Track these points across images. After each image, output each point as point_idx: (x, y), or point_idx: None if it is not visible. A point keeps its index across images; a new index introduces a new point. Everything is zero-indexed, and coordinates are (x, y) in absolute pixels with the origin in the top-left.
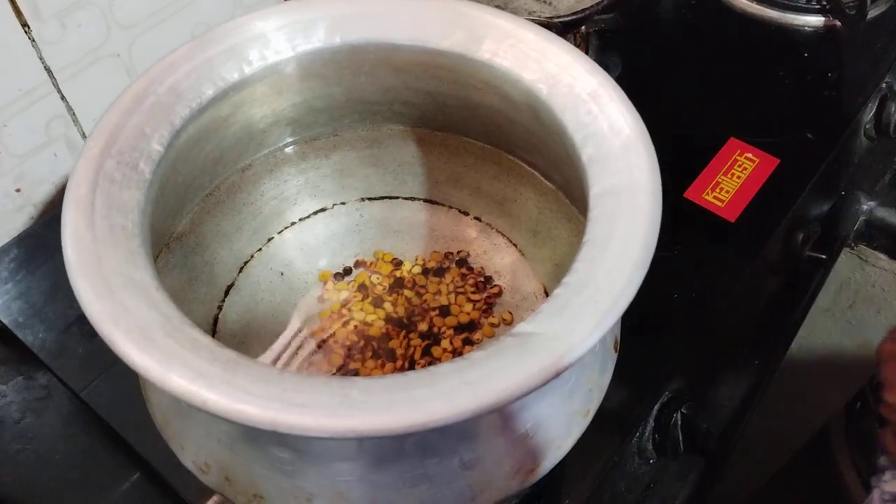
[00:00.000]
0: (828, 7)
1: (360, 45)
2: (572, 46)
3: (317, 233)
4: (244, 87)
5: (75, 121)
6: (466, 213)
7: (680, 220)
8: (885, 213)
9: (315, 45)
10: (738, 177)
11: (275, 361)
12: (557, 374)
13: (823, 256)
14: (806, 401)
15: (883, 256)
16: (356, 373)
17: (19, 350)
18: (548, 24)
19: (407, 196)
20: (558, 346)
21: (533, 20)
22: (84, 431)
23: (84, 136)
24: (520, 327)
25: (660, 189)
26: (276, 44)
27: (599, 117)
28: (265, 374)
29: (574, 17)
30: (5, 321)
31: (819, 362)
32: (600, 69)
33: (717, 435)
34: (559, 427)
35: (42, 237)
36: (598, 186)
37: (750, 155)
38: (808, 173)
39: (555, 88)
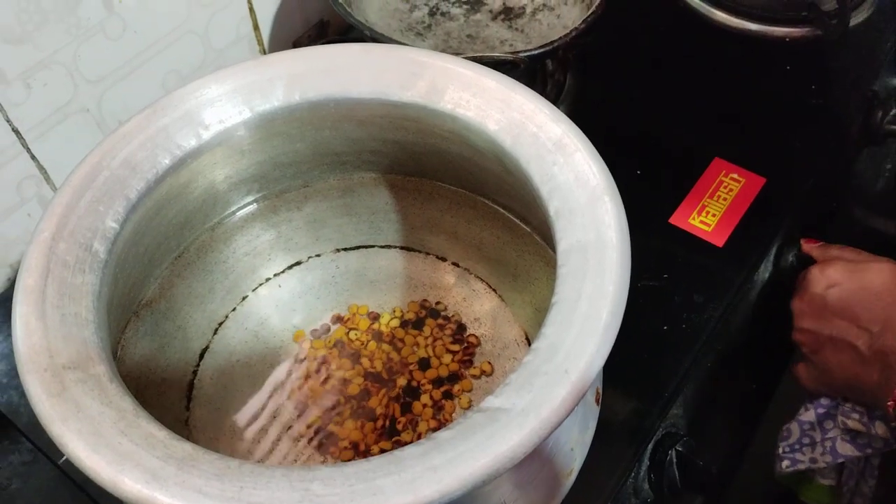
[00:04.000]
0: (809, 17)
1: (320, 101)
2: (536, 94)
3: (292, 287)
4: (202, 152)
5: (47, 179)
6: (444, 259)
7: (666, 247)
8: (879, 223)
9: (274, 104)
10: (725, 199)
11: (250, 426)
12: (528, 453)
13: None
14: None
15: None
16: (334, 436)
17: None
18: (514, 62)
19: (383, 244)
20: (528, 422)
21: (500, 57)
22: (72, 498)
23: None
24: (489, 401)
25: (628, 245)
26: (232, 106)
27: (565, 168)
28: (222, 469)
29: (542, 50)
30: None
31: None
32: (565, 117)
33: (715, 470)
34: (540, 492)
35: None
36: (566, 242)
37: (735, 175)
38: (796, 191)
39: (519, 138)
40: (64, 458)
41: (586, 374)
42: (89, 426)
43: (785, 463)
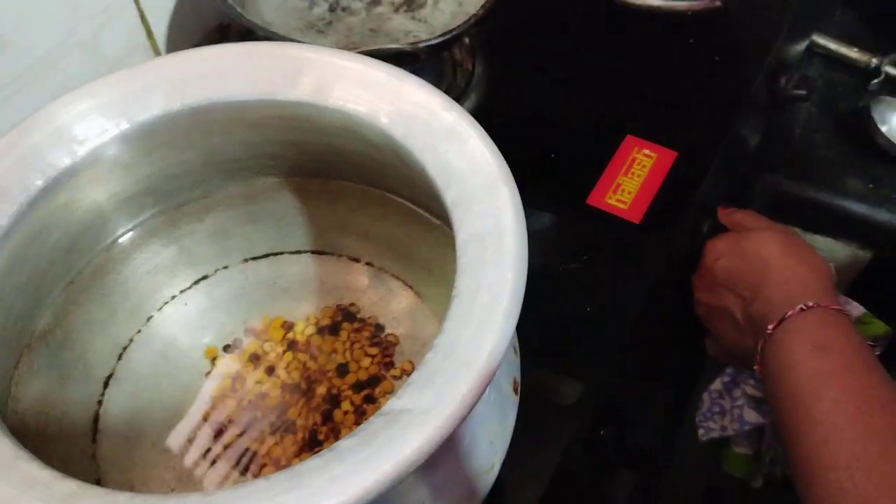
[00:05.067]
0: None
1: (203, 106)
2: (427, 84)
3: (200, 303)
4: (79, 170)
5: None
6: (357, 260)
7: (585, 227)
8: (791, 186)
9: (154, 113)
10: (639, 175)
11: (165, 452)
12: (432, 453)
13: None
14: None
15: (796, 229)
16: (254, 453)
17: None
18: (414, 53)
19: (293, 250)
20: (431, 421)
21: (399, 49)
22: None
23: None
24: (390, 403)
25: (524, 232)
26: (108, 119)
27: (459, 156)
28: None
29: (441, 38)
30: None
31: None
32: (456, 105)
33: (647, 446)
34: (461, 489)
35: None
36: (464, 232)
37: (647, 151)
38: (707, 161)
39: (411, 129)
40: None
41: (487, 365)
42: None
43: (700, 431)
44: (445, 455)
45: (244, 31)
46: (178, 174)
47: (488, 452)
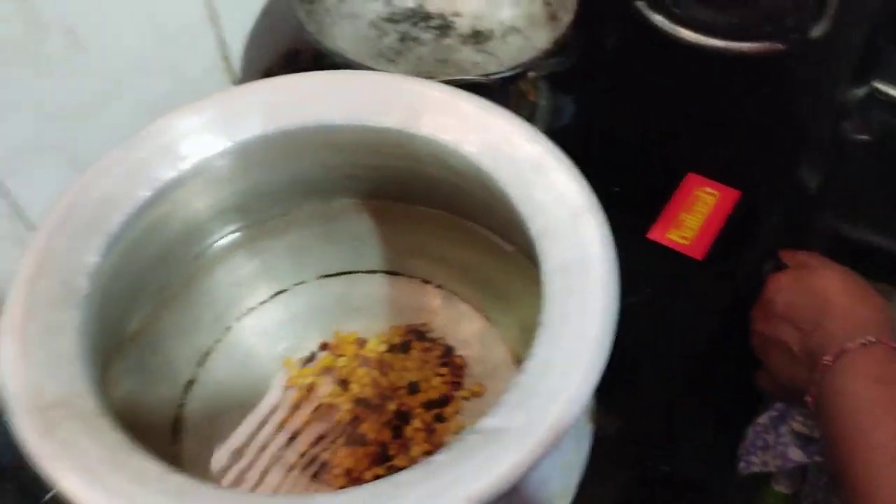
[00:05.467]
0: (771, 31)
1: (297, 130)
2: (512, 115)
3: (277, 316)
4: (182, 184)
5: (20, 216)
6: (429, 282)
7: (646, 262)
8: (850, 230)
9: (251, 134)
10: (701, 212)
11: (241, 457)
12: (526, 473)
13: None
14: None
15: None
16: (327, 463)
17: None
18: (487, 84)
19: (366, 269)
20: (525, 441)
21: (473, 80)
22: None
23: (32, 230)
24: (484, 423)
25: (614, 262)
26: (210, 137)
27: (544, 188)
28: (217, 500)
29: (513, 71)
30: None
31: None
32: (543, 137)
33: (708, 483)
34: None
35: None
36: (550, 262)
37: (710, 189)
38: (770, 202)
39: (497, 160)
40: (48, 496)
41: (580, 392)
42: (82, 464)
43: (741, 465)
44: (528, 477)
45: (314, 57)
46: (265, 192)
47: (564, 478)
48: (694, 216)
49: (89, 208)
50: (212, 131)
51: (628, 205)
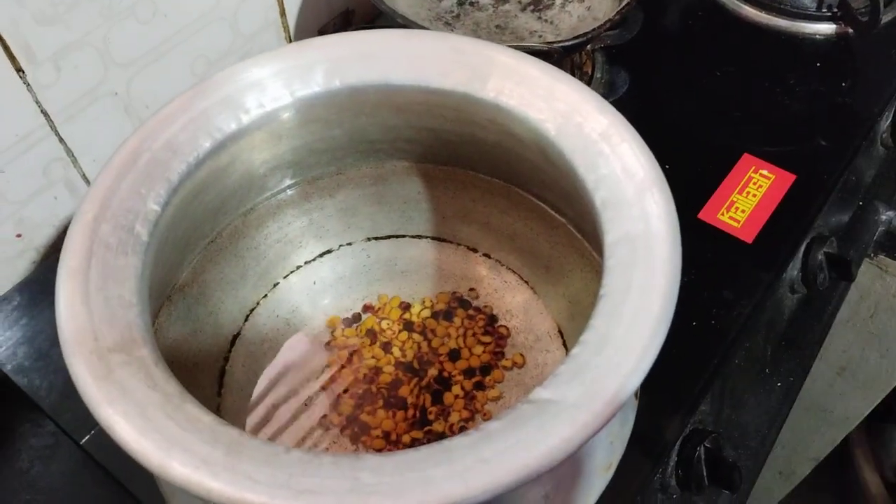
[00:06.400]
0: (839, 14)
1: (359, 87)
2: (581, 84)
3: (323, 276)
4: (242, 136)
5: (74, 162)
6: (475, 250)
7: (695, 242)
8: None
9: (314, 89)
10: (754, 195)
11: (282, 414)
12: (580, 447)
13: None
14: (827, 411)
15: None
16: (366, 425)
17: (25, 397)
18: (548, 52)
19: (414, 234)
20: (580, 415)
21: (534, 46)
22: (93, 481)
23: (84, 177)
24: (538, 392)
25: (678, 237)
26: (273, 90)
27: (612, 159)
28: (270, 455)
29: (576, 41)
30: (8, 368)
31: (840, 372)
32: (611, 107)
33: (742, 466)
34: (580, 485)
35: (45, 282)
36: (613, 234)
37: (765, 171)
38: (826, 189)
39: (564, 128)
40: (86, 438)
41: (638, 367)
42: (136, 410)
43: None
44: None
45: (370, 17)
46: (321, 149)
47: (608, 452)
48: (747, 198)
49: (151, 156)
50: (275, 85)
51: (681, 182)
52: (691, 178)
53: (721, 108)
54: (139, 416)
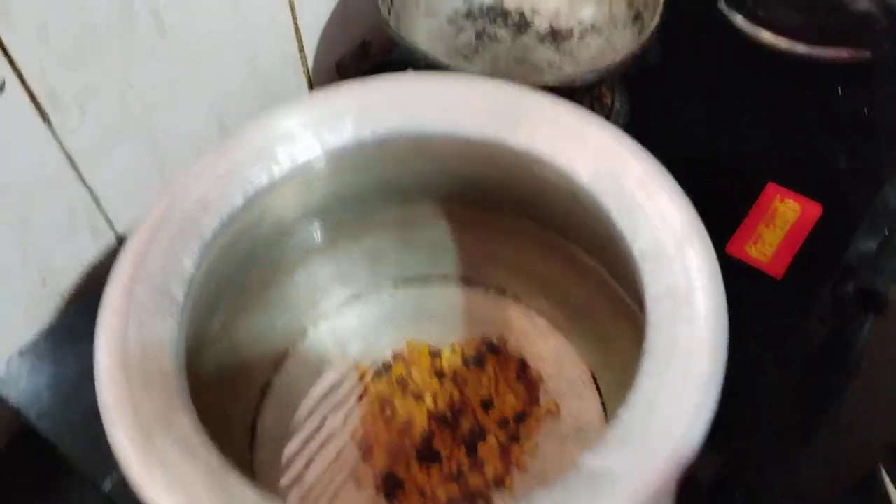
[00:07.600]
0: (858, 38)
1: (390, 136)
2: (614, 127)
3: (351, 323)
4: (274, 188)
5: (99, 207)
6: (504, 293)
7: (726, 278)
8: None
9: (344, 139)
10: (781, 227)
11: (314, 467)
12: None
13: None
14: (853, 433)
15: None
16: (400, 480)
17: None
18: (570, 88)
19: (442, 276)
20: (631, 483)
21: (555, 84)
22: None
23: (108, 220)
24: (587, 460)
25: (723, 291)
26: (303, 141)
27: (648, 207)
28: None
29: (603, 72)
30: (32, 414)
31: (866, 394)
32: (645, 152)
33: None
34: None
35: (69, 327)
36: (655, 287)
37: (791, 201)
38: (855, 218)
39: (597, 174)
40: (108, 485)
41: (690, 433)
42: (178, 483)
43: None
44: None
45: (387, 50)
46: (349, 196)
47: None
48: (773, 231)
49: (183, 213)
50: (305, 135)
51: (706, 214)
52: (716, 209)
53: (743, 135)
54: (182, 490)
